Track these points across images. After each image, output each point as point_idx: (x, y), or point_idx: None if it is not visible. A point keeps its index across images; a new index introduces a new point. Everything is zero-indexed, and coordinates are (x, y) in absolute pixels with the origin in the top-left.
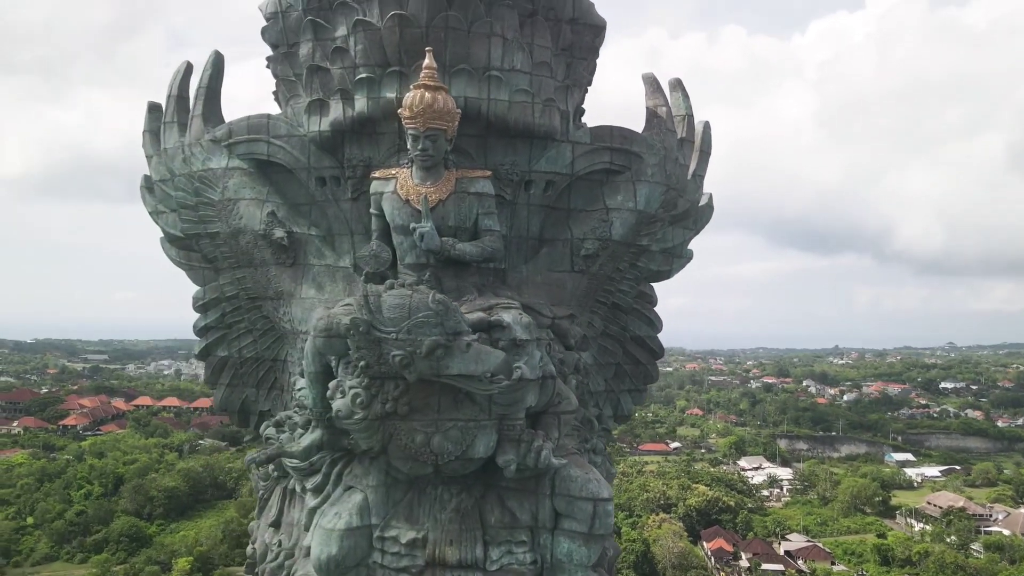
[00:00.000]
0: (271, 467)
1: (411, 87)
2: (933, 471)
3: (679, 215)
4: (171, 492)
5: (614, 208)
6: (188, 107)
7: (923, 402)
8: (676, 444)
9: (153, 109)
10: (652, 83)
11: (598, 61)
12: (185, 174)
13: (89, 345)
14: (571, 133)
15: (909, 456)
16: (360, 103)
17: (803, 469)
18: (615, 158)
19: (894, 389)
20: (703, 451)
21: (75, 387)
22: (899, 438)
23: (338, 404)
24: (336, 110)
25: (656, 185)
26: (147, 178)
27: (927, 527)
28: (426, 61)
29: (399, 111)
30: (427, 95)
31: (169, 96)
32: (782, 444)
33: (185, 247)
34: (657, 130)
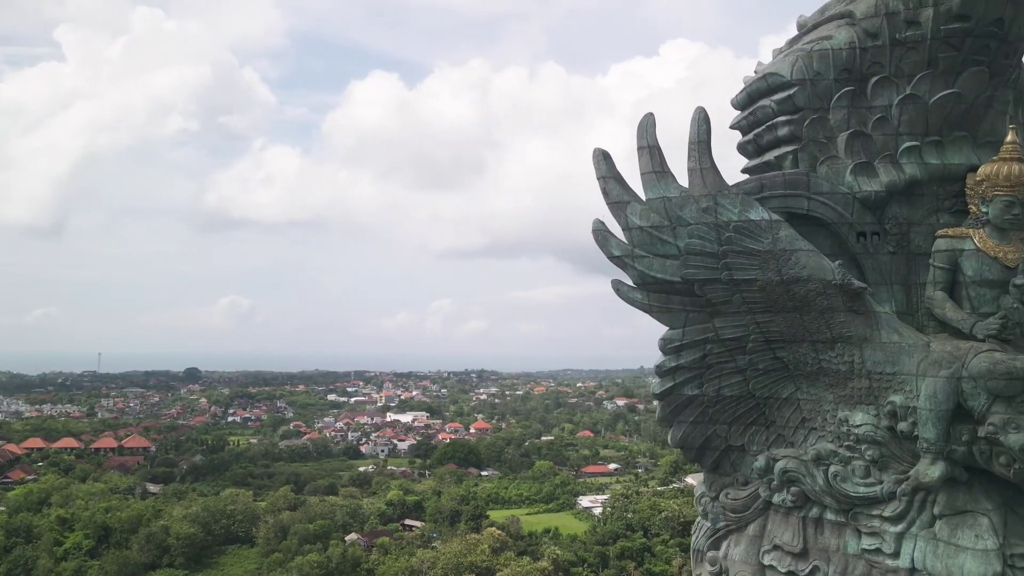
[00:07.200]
0: (787, 497)
1: (995, 160)
2: None
3: None
4: (190, 539)
5: None
6: (662, 156)
7: None
8: (615, 465)
9: (606, 156)
10: None
11: None
12: (707, 223)
13: None
14: None
15: None
16: (909, 168)
17: None
18: None
19: None
20: (641, 471)
21: None
22: None
23: (1018, 439)
24: (888, 173)
25: None
26: (601, 222)
27: None
28: (1009, 137)
29: (987, 180)
30: None
31: (649, 147)
32: None
33: (666, 291)
34: None
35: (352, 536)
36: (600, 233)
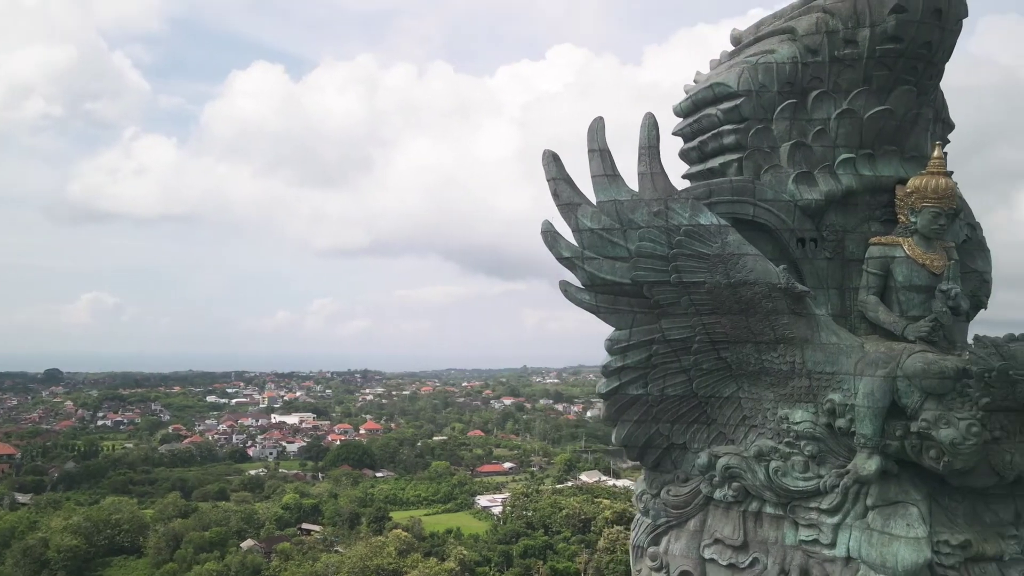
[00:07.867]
0: (728, 492)
1: (923, 174)
2: None
3: None
4: (72, 552)
5: (982, 271)
6: (612, 160)
7: None
8: (509, 464)
9: (556, 158)
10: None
11: None
12: (658, 226)
13: None
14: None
15: None
16: (846, 178)
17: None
18: (969, 231)
19: None
20: (536, 469)
21: None
22: None
23: (948, 433)
24: (827, 183)
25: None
26: (549, 223)
27: None
28: (936, 152)
29: (917, 192)
30: (950, 181)
31: (600, 150)
32: (588, 459)
33: (615, 292)
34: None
35: (249, 542)
36: (549, 234)
